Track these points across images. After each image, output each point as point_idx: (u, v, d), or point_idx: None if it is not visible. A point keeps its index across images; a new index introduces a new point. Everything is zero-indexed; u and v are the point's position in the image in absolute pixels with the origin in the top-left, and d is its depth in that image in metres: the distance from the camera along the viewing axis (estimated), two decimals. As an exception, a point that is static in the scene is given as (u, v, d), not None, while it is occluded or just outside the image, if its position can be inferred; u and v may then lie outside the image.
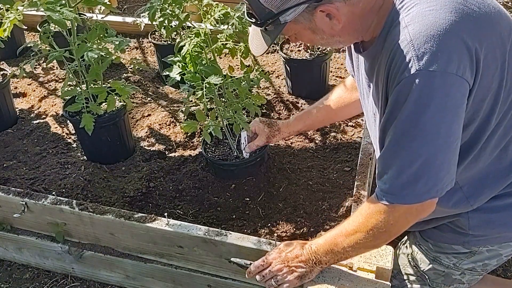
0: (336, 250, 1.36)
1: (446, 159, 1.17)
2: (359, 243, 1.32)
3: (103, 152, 2.25)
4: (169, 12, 1.90)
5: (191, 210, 2.00)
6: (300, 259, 1.41)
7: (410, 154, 1.16)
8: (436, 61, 1.09)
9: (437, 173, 1.17)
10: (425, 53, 1.09)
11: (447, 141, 1.15)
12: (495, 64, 1.18)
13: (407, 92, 1.12)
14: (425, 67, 1.09)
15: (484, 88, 1.18)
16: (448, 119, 1.13)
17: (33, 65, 2.10)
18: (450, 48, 1.10)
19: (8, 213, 1.92)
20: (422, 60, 1.09)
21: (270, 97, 2.65)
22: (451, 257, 1.53)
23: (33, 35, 3.42)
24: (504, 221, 1.41)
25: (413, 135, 1.14)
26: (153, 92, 2.79)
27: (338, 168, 2.16)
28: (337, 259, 1.40)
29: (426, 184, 1.17)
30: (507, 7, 3.89)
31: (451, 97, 1.11)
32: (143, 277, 1.88)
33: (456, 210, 1.43)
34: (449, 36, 1.10)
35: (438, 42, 1.09)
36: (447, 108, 1.12)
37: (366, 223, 1.29)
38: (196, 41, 1.79)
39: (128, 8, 4.39)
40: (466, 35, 1.11)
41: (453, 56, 1.09)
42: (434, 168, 1.16)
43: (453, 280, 1.58)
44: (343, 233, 1.35)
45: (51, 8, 1.72)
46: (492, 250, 1.48)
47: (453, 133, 1.15)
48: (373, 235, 1.29)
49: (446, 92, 1.10)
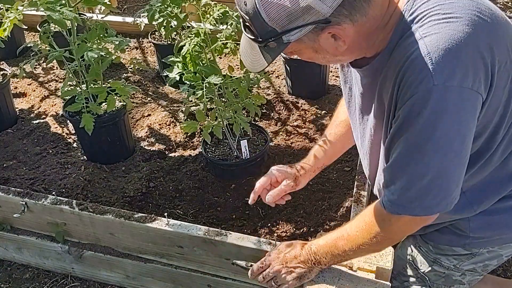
0: (337, 252, 1.36)
1: (456, 173, 1.15)
2: (361, 248, 1.31)
3: (103, 152, 2.25)
4: (168, 12, 1.90)
5: (191, 210, 2.00)
6: (299, 259, 1.41)
7: (422, 167, 1.14)
8: (453, 76, 1.06)
9: (448, 187, 1.16)
10: (443, 67, 1.06)
11: (458, 155, 1.13)
12: (506, 75, 1.16)
13: (421, 106, 1.09)
14: (442, 82, 1.06)
15: (496, 99, 1.16)
16: (461, 134, 1.11)
17: (33, 65, 2.10)
18: (467, 62, 1.07)
19: (8, 213, 1.92)
20: (440, 74, 1.06)
21: (270, 97, 2.65)
22: (451, 258, 1.52)
23: (33, 35, 3.42)
24: (505, 223, 1.41)
25: (426, 149, 1.12)
26: (153, 92, 2.79)
27: (338, 168, 2.16)
28: (336, 261, 1.40)
29: (435, 198, 1.16)
30: (507, 7, 3.89)
31: (465, 111, 1.09)
32: (143, 277, 1.88)
33: (460, 215, 1.42)
34: (467, 49, 1.07)
35: (456, 55, 1.07)
36: (461, 123, 1.10)
37: (369, 229, 1.28)
38: (196, 41, 1.79)
39: (128, 8, 4.39)
40: (483, 48, 1.09)
41: (470, 70, 1.07)
42: (445, 182, 1.15)
43: (453, 281, 1.58)
44: (344, 236, 1.34)
45: (51, 8, 1.73)
46: (492, 251, 1.48)
47: (465, 147, 1.14)
48: (376, 242, 1.28)
49: (461, 107, 1.08)
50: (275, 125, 2.46)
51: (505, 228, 1.41)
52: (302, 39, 1.14)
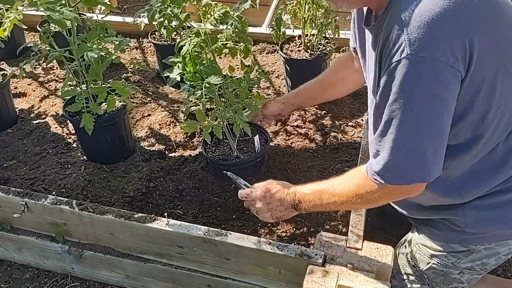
0: (319, 203, 1.46)
1: (433, 146, 1.18)
2: (344, 204, 1.42)
3: (103, 152, 2.25)
4: (169, 12, 1.90)
5: (191, 210, 2.00)
6: (282, 203, 1.53)
7: (398, 138, 1.18)
8: (426, 48, 1.10)
9: (424, 159, 1.19)
10: (417, 38, 1.11)
11: (434, 128, 1.17)
12: (491, 57, 1.18)
13: (396, 76, 1.14)
14: (415, 52, 1.11)
15: (478, 80, 1.18)
16: (435, 106, 1.15)
17: (33, 65, 2.10)
18: (443, 37, 1.11)
19: (8, 213, 1.92)
20: (413, 45, 1.11)
21: (270, 97, 2.65)
22: (449, 256, 1.53)
23: (33, 35, 3.42)
24: (500, 219, 1.42)
25: (401, 120, 1.17)
26: (153, 92, 2.79)
27: (338, 168, 2.16)
28: (316, 210, 1.51)
29: (411, 168, 1.21)
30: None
31: (439, 84, 1.13)
32: (143, 277, 1.88)
33: (449, 200, 1.44)
34: (444, 24, 1.11)
35: (431, 29, 1.11)
36: (434, 95, 1.14)
37: (355, 191, 1.36)
38: (196, 41, 1.78)
39: (128, 8, 4.39)
40: (462, 26, 1.13)
41: (445, 45, 1.11)
42: (420, 154, 1.18)
43: (452, 280, 1.58)
44: (330, 191, 1.43)
45: (51, 8, 1.72)
46: (489, 248, 1.49)
47: (441, 121, 1.17)
48: (359, 202, 1.38)
49: (434, 79, 1.12)
50: (275, 125, 2.46)
51: (500, 223, 1.43)
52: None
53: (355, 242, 1.58)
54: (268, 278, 1.67)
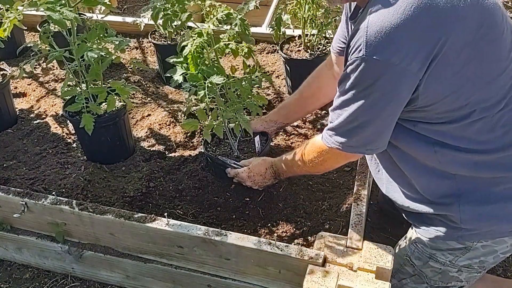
0: (291, 171, 1.83)
1: (378, 129, 1.39)
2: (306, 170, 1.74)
3: (103, 152, 2.25)
4: (172, 11, 1.90)
5: (191, 210, 2.00)
6: (264, 176, 1.92)
7: (349, 116, 1.38)
8: (381, 51, 1.21)
9: (369, 136, 1.41)
10: (373, 41, 1.22)
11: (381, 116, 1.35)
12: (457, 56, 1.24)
13: (351, 71, 1.30)
14: (370, 55, 1.22)
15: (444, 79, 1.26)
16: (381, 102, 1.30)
17: (33, 65, 2.10)
18: (399, 42, 1.20)
19: (8, 213, 1.92)
20: (369, 48, 1.22)
21: (270, 97, 2.65)
22: (446, 254, 1.53)
23: (33, 35, 3.42)
24: (494, 214, 1.43)
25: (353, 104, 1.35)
26: (153, 92, 2.79)
27: (338, 168, 2.15)
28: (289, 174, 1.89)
29: (358, 142, 1.43)
30: (507, 7, 3.89)
31: (388, 84, 1.25)
32: (143, 277, 1.88)
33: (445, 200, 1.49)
34: (401, 30, 1.20)
35: (389, 35, 1.20)
36: (385, 93, 1.27)
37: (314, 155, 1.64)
38: (199, 41, 1.78)
39: (128, 8, 4.39)
40: (421, 30, 1.20)
41: (401, 48, 1.20)
42: (366, 132, 1.39)
43: (450, 278, 1.59)
44: (295, 160, 1.75)
45: (51, 8, 1.72)
46: (486, 246, 1.49)
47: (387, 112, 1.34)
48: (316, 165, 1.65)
49: (383, 80, 1.25)
50: (275, 125, 2.46)
51: (495, 219, 1.44)
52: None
53: (355, 242, 1.58)
54: (268, 278, 1.67)
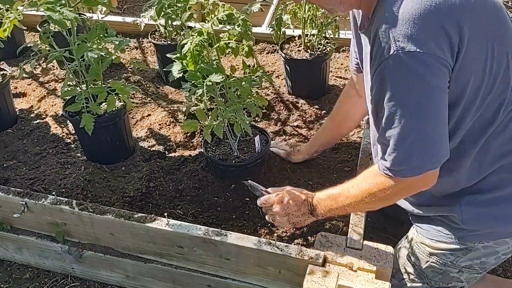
0: (335, 207, 1.50)
1: (436, 132, 1.23)
2: (359, 205, 1.45)
3: (103, 152, 2.25)
4: (174, 10, 1.90)
5: (191, 210, 2.00)
6: (300, 208, 1.56)
7: (402, 132, 1.23)
8: (412, 42, 1.16)
9: (431, 146, 1.23)
10: (401, 35, 1.17)
11: (434, 115, 1.21)
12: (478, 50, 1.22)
13: (387, 73, 1.20)
14: (402, 48, 1.16)
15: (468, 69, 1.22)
16: (429, 94, 1.20)
17: (33, 65, 2.10)
18: (426, 31, 1.16)
19: (8, 213, 1.92)
20: (399, 42, 1.17)
21: (270, 97, 2.65)
22: (447, 254, 1.53)
23: (33, 35, 3.43)
24: (495, 215, 1.43)
25: (401, 114, 1.22)
26: (153, 92, 2.79)
27: (338, 168, 2.16)
28: (332, 214, 1.55)
29: (421, 158, 1.24)
30: (507, 7, 3.89)
31: (429, 73, 1.18)
32: (143, 277, 1.88)
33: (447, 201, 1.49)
34: (426, 19, 1.16)
35: (414, 25, 1.16)
36: (426, 84, 1.19)
37: (369, 190, 1.39)
38: (198, 40, 1.78)
39: (128, 8, 4.39)
40: (444, 18, 1.17)
41: (430, 38, 1.16)
42: (427, 142, 1.23)
43: (451, 278, 1.59)
44: (345, 194, 1.46)
45: (51, 8, 1.72)
46: (488, 246, 1.49)
47: (439, 107, 1.21)
48: (374, 201, 1.40)
49: (424, 69, 1.17)
50: (275, 125, 2.46)
51: (496, 220, 1.43)
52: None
53: (355, 242, 1.58)
54: (268, 278, 1.67)
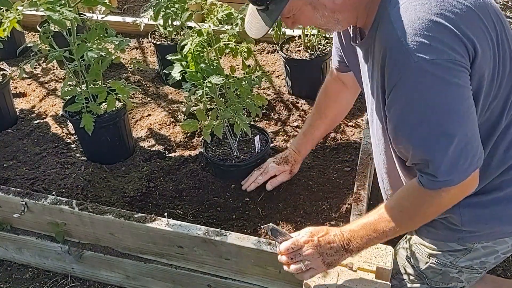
0: (374, 236, 1.37)
1: (472, 130, 1.22)
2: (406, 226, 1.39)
3: (103, 152, 2.25)
4: (172, 11, 1.90)
5: (191, 210, 2.00)
6: (332, 246, 1.39)
7: (443, 141, 1.19)
8: (430, 51, 1.13)
9: (471, 145, 1.22)
10: (417, 46, 1.13)
11: (467, 116, 1.20)
12: (487, 54, 1.21)
13: (412, 87, 1.17)
14: (422, 58, 1.13)
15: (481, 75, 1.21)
16: (458, 94, 1.17)
17: (33, 65, 2.10)
18: (441, 38, 1.14)
19: (8, 213, 1.92)
20: (417, 52, 1.13)
21: (270, 97, 2.65)
22: (447, 255, 1.53)
23: (33, 35, 3.42)
24: (495, 216, 1.43)
25: (437, 123, 1.18)
26: (153, 92, 2.79)
27: (338, 168, 2.16)
28: (370, 245, 1.40)
29: (466, 160, 1.22)
30: (507, 7, 3.89)
31: (453, 76, 1.15)
32: (143, 277, 1.88)
33: None
34: (438, 27, 1.15)
35: (428, 34, 1.14)
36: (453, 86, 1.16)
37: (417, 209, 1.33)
38: (198, 40, 1.78)
39: (128, 8, 4.39)
40: (454, 25, 1.16)
41: (445, 45, 1.14)
42: (468, 142, 1.21)
43: (451, 279, 1.58)
44: (386, 219, 1.35)
45: (51, 8, 1.73)
46: (487, 246, 1.49)
47: (470, 108, 1.20)
48: (424, 219, 1.37)
49: (447, 74, 1.15)
50: (275, 125, 2.46)
51: (495, 221, 1.43)
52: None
53: (355, 242, 1.58)
54: (268, 278, 1.67)
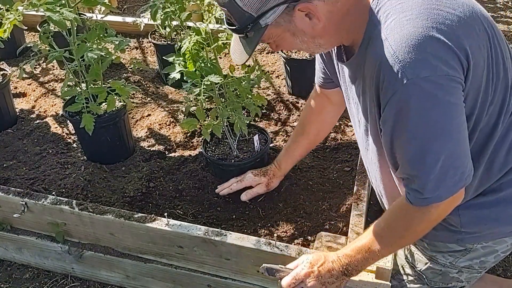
0: (371, 257, 1.39)
1: (462, 148, 1.21)
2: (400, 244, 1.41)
3: (103, 152, 2.25)
4: (171, 10, 1.90)
5: (191, 210, 2.00)
6: (332, 273, 1.42)
7: (431, 158, 1.19)
8: (424, 68, 1.11)
9: (460, 162, 1.22)
10: (411, 62, 1.12)
11: (457, 134, 1.19)
12: (482, 62, 1.20)
13: (405, 103, 1.15)
14: (416, 76, 1.11)
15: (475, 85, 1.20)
16: (451, 113, 1.17)
17: (33, 65, 2.11)
18: (434, 53, 1.12)
19: (8, 213, 1.92)
20: (410, 69, 1.11)
21: (270, 97, 2.65)
22: (446, 255, 1.53)
23: (33, 35, 3.43)
24: (495, 217, 1.43)
25: (426, 141, 1.18)
26: (153, 92, 2.79)
27: (338, 168, 2.16)
28: (367, 265, 1.43)
29: (454, 176, 1.22)
30: (507, 7, 3.89)
31: (447, 94, 1.14)
32: (143, 277, 1.88)
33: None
34: (431, 41, 1.13)
35: (422, 49, 1.12)
36: (448, 105, 1.15)
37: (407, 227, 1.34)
38: (196, 39, 1.78)
39: (128, 8, 4.39)
40: (447, 37, 1.14)
41: (439, 60, 1.12)
42: (456, 160, 1.21)
43: (450, 279, 1.59)
44: (379, 240, 1.37)
45: (51, 8, 1.73)
46: (487, 246, 1.49)
47: (461, 125, 1.19)
48: (417, 235, 1.37)
49: (441, 91, 1.14)
50: (275, 125, 2.46)
51: (495, 221, 1.43)
52: (278, 21, 1.21)
53: (355, 242, 1.58)
54: (268, 278, 1.67)
